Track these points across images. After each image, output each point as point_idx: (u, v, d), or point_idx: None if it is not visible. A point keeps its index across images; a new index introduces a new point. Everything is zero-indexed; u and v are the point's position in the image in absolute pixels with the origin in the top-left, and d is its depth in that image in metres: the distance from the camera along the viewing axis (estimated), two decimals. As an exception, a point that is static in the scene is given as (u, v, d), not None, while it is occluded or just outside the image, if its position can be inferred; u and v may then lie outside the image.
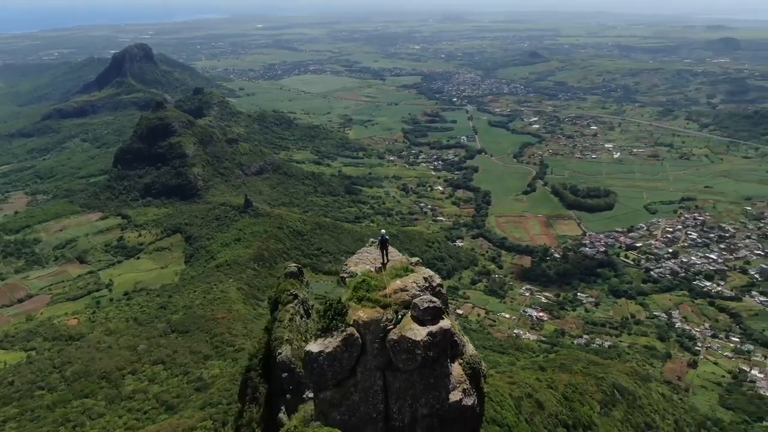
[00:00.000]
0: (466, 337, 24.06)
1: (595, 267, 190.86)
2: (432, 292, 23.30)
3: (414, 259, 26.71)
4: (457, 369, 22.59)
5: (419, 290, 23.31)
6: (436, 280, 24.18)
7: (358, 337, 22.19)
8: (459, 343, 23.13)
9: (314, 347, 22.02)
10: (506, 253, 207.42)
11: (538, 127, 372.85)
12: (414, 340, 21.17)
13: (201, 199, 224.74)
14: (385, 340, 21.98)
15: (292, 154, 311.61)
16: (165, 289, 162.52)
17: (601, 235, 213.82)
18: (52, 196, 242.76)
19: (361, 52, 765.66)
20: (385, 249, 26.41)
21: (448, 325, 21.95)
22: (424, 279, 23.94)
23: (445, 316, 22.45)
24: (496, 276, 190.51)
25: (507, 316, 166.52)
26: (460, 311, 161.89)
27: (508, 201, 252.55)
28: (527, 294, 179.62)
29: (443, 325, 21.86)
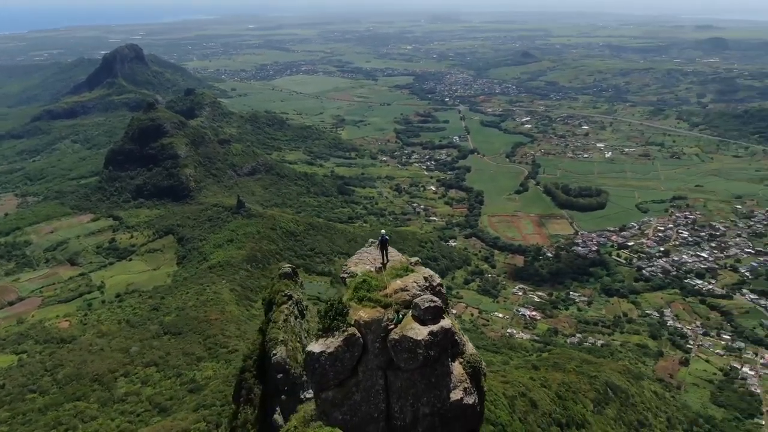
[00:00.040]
0: (466, 336, 24.14)
1: (588, 266, 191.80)
2: (432, 292, 23.36)
3: (414, 259, 26.79)
4: (457, 368, 22.67)
5: (420, 290, 23.35)
6: (436, 280, 24.26)
7: (360, 337, 22.21)
8: (459, 342, 23.22)
9: (316, 347, 22.03)
10: (499, 253, 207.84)
11: (530, 126, 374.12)
12: (415, 340, 21.23)
13: (193, 200, 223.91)
14: (386, 340, 22.02)
15: (285, 154, 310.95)
16: (157, 290, 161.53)
17: (593, 234, 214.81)
18: (43, 198, 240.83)
19: (353, 52, 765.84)
20: (385, 249, 26.45)
21: (449, 324, 22.02)
22: (424, 279, 24.00)
23: (445, 316, 22.53)
24: (489, 275, 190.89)
25: (500, 316, 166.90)
26: (453, 311, 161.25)
27: (501, 201, 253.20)
28: (520, 293, 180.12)
29: (444, 325, 21.92)
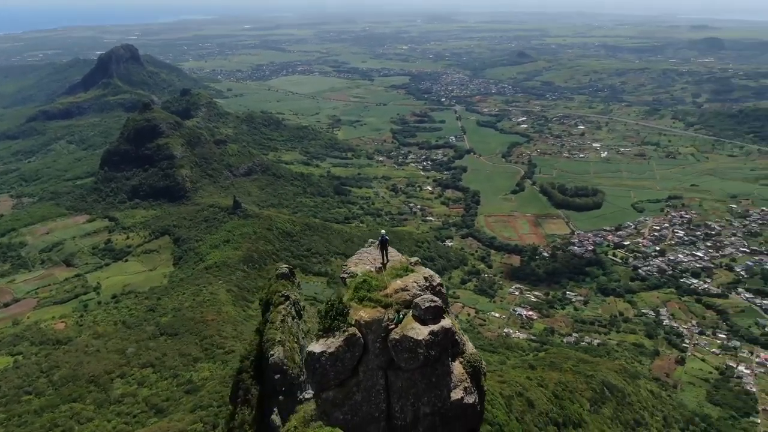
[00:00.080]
0: (466, 336, 24.15)
1: (584, 265, 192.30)
2: (432, 292, 23.38)
3: (413, 259, 26.79)
4: (458, 367, 22.69)
5: (420, 290, 23.37)
6: (436, 280, 24.28)
7: (360, 337, 22.21)
8: (459, 342, 23.24)
9: (316, 347, 22.01)
10: (495, 253, 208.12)
11: (526, 126, 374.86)
12: (416, 340, 21.24)
13: (189, 201, 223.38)
14: (386, 340, 22.03)
15: (281, 155, 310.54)
16: (153, 291, 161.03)
17: (590, 233, 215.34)
18: (38, 199, 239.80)
19: (349, 52, 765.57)
20: (385, 249, 26.45)
21: (450, 324, 22.04)
22: (424, 279, 24.02)
23: (446, 316, 22.55)
24: (486, 275, 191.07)
25: (497, 315, 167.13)
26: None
27: (497, 200, 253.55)
28: (517, 293, 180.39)
29: (444, 324, 21.94)
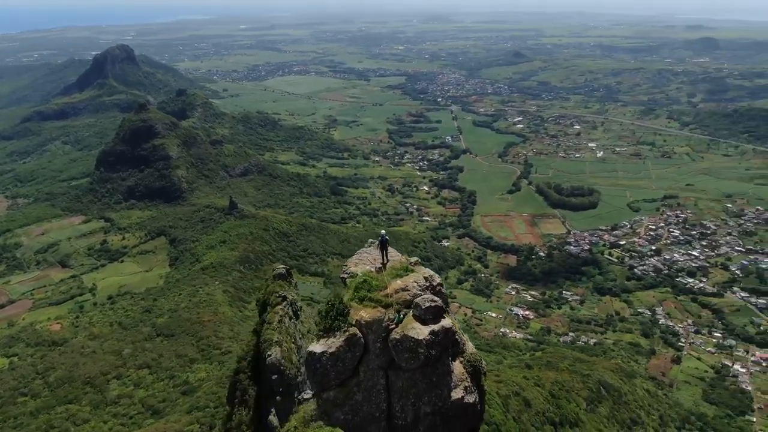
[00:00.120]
0: (466, 336, 24.20)
1: (580, 265, 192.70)
2: (433, 292, 23.42)
3: (413, 259, 26.83)
4: (458, 367, 22.72)
5: (420, 290, 23.39)
6: (436, 280, 24.32)
7: (361, 336, 22.23)
8: (460, 342, 23.28)
9: (317, 347, 22.02)
10: (492, 253, 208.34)
11: (522, 126, 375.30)
12: (417, 339, 21.27)
13: (185, 202, 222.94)
14: (387, 340, 22.05)
15: (277, 155, 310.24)
16: (150, 292, 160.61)
17: (586, 233, 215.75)
18: (33, 200, 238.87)
19: (346, 52, 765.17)
20: (384, 249, 26.49)
21: (450, 323, 22.09)
22: (424, 278, 24.05)
23: (446, 315, 22.59)
24: (482, 275, 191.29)
25: (493, 315, 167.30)
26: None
27: (494, 200, 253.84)
28: (513, 293, 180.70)
29: (445, 324, 21.97)
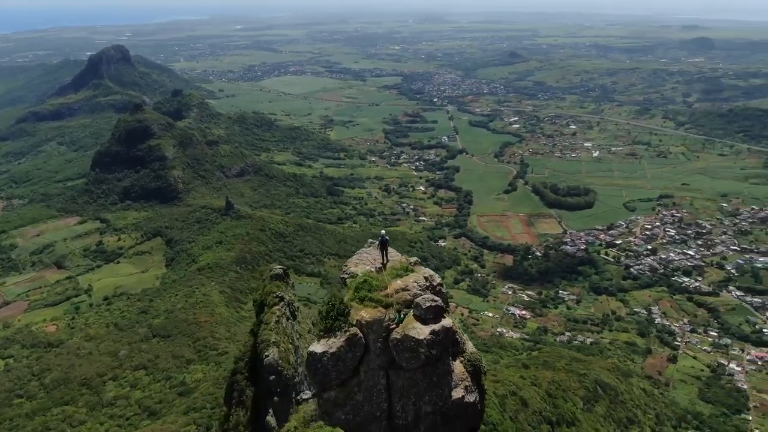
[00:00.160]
0: (466, 335, 24.27)
1: (576, 265, 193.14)
2: (433, 292, 23.46)
3: (413, 259, 26.84)
4: (458, 366, 22.77)
5: (420, 289, 23.42)
6: (436, 280, 24.35)
7: (362, 336, 22.25)
8: (460, 341, 23.34)
9: (318, 348, 22.03)
10: (488, 252, 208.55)
11: (518, 126, 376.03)
12: (417, 339, 21.30)
13: (181, 202, 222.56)
14: (388, 340, 22.08)
15: (273, 155, 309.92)
16: (146, 293, 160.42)
17: (582, 233, 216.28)
18: (29, 201, 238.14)
19: (341, 53, 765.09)
20: (385, 249, 26.51)
21: (450, 323, 22.14)
22: (424, 278, 24.09)
23: (446, 315, 22.63)
24: (479, 275, 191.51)
25: (490, 315, 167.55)
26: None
27: (490, 200, 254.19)
28: (510, 292, 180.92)
29: (445, 324, 22.00)
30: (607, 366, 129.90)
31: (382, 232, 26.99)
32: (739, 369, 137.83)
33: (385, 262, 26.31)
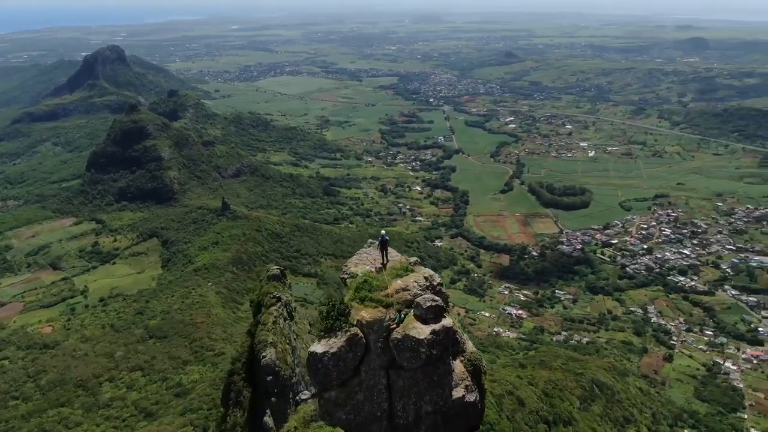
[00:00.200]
0: (466, 335, 24.31)
1: (573, 264, 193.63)
2: (433, 291, 23.46)
3: (413, 259, 26.84)
4: (459, 366, 22.79)
5: (421, 289, 23.43)
6: (436, 279, 24.36)
7: (362, 336, 22.24)
8: (460, 341, 23.38)
9: (318, 348, 22.03)
10: (485, 252, 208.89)
11: (514, 126, 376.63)
12: (418, 339, 21.31)
13: (177, 203, 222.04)
14: (388, 340, 22.08)
15: (270, 156, 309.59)
16: (142, 294, 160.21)
17: (578, 232, 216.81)
18: (24, 202, 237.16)
19: (337, 53, 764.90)
20: (384, 249, 26.51)
21: (451, 323, 22.16)
22: (424, 278, 24.10)
23: (446, 315, 22.65)
24: (475, 275, 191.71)
25: (487, 315, 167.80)
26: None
27: (486, 200, 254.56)
28: (506, 292, 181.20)
29: (446, 324, 22.02)
30: (604, 365, 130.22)
31: (382, 232, 26.99)
32: (735, 368, 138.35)
33: (385, 262, 26.31)
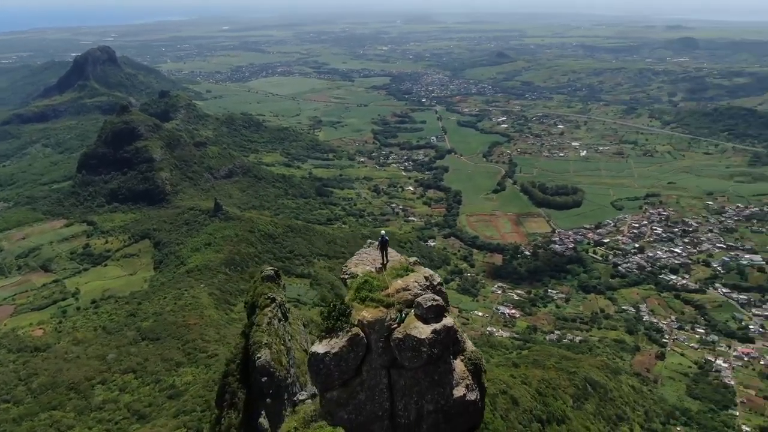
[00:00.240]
0: (466, 334, 24.37)
1: (565, 263, 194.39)
2: (433, 291, 23.57)
3: (412, 259, 26.92)
4: (459, 365, 22.90)
5: (421, 289, 23.53)
6: (436, 279, 24.46)
7: (364, 336, 22.31)
8: (460, 340, 23.45)
9: (320, 348, 22.06)
10: (478, 252, 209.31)
11: (506, 126, 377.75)
12: (419, 338, 21.40)
13: (169, 204, 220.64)
14: (389, 339, 22.16)
15: (262, 156, 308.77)
16: (134, 296, 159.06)
17: (570, 231, 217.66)
18: (14, 204, 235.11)
19: (329, 53, 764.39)
20: (384, 250, 26.58)
21: (451, 322, 22.28)
22: (424, 278, 24.20)
23: (447, 314, 22.74)
24: (469, 275, 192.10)
25: (480, 314, 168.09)
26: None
27: (479, 200, 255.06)
28: (499, 292, 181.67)
29: (446, 323, 22.14)
30: (597, 364, 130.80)
31: (382, 232, 27.06)
32: (726, 365, 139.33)
33: (385, 262, 26.38)
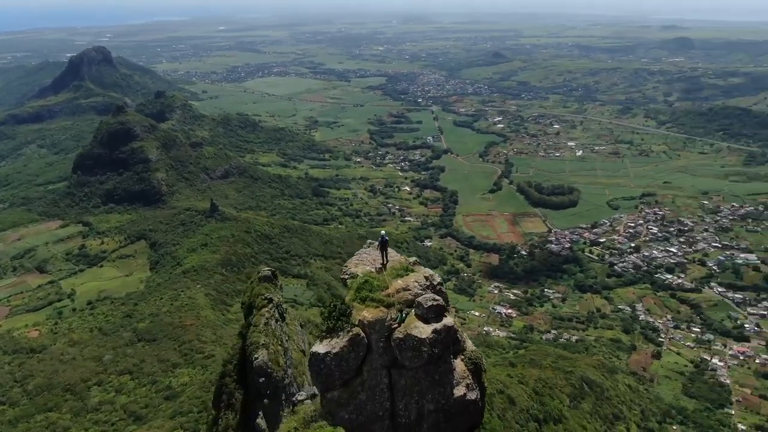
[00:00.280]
0: (466, 334, 24.41)
1: (561, 263, 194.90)
2: (433, 291, 23.62)
3: (412, 259, 26.95)
4: (459, 365, 22.96)
5: (421, 289, 23.57)
6: (436, 279, 24.51)
7: (364, 336, 22.33)
8: (460, 340, 23.50)
9: (321, 348, 22.08)
10: (474, 252, 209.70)
11: (502, 126, 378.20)
12: (420, 338, 21.43)
13: (165, 205, 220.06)
14: (390, 339, 22.19)
15: (258, 157, 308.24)
16: (130, 297, 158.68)
17: (566, 231, 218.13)
18: (9, 205, 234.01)
19: (325, 53, 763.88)
20: (384, 250, 26.62)
21: (452, 322, 22.33)
22: (425, 278, 24.25)
23: (447, 314, 22.77)
24: (465, 274, 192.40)
25: (476, 314, 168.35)
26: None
27: (475, 200, 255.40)
28: (496, 291, 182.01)
29: (447, 323, 22.18)
30: (593, 363, 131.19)
31: (382, 232, 27.09)
32: (722, 364, 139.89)
33: (385, 262, 26.42)
